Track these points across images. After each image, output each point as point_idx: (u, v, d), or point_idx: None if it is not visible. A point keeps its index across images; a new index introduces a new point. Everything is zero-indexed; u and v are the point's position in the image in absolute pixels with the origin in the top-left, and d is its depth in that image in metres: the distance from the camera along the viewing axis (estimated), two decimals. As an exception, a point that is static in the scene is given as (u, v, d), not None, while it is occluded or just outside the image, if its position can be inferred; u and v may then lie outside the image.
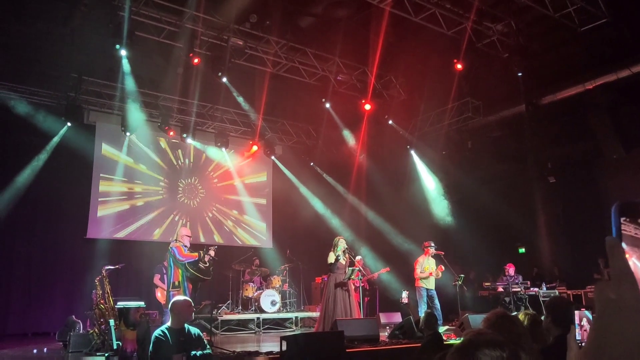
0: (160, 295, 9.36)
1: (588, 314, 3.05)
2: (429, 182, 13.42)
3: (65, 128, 11.05)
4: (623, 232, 0.69)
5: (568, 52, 10.21)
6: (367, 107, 12.38)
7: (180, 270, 7.27)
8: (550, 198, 11.66)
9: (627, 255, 0.69)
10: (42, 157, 10.91)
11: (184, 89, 11.73)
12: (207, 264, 7.48)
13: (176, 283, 7.24)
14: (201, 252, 7.46)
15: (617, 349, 0.60)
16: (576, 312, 2.98)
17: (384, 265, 11.48)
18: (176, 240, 7.55)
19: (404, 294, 9.69)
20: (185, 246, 7.49)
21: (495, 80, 11.36)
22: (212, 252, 7.57)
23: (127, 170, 12.46)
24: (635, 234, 0.70)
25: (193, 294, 7.11)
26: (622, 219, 0.70)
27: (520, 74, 10.35)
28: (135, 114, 11.92)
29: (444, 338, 6.06)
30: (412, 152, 13.56)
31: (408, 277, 10.60)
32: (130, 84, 10.87)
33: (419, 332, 7.20)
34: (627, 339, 0.61)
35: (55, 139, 11.06)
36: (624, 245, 0.69)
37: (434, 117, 12.99)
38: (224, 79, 10.96)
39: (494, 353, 1.19)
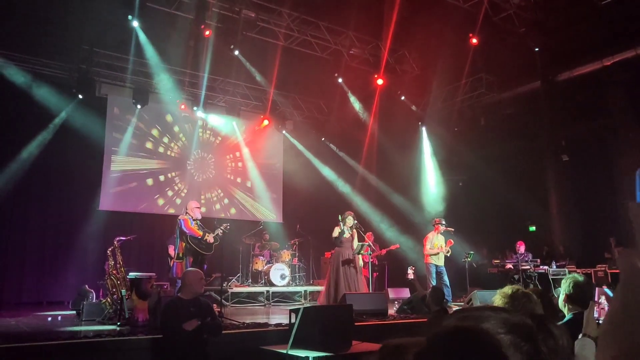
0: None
1: (608, 291, 3.03)
2: (440, 159, 13.33)
3: (76, 100, 11.06)
4: None
5: (587, 27, 9.96)
6: (380, 82, 12.24)
7: (183, 243, 7.36)
8: (563, 176, 11.54)
9: None
10: (53, 130, 10.96)
11: (195, 61, 11.66)
12: (214, 241, 7.51)
13: (180, 254, 7.35)
14: (206, 233, 7.46)
15: None
16: (597, 288, 2.96)
17: (394, 241, 11.52)
18: (186, 212, 7.61)
19: (410, 270, 9.72)
20: (196, 219, 7.54)
21: (510, 56, 11.15)
22: (219, 231, 7.56)
23: (139, 144, 12.50)
24: None
25: (193, 266, 7.15)
26: None
27: (537, 49, 10.14)
28: (147, 86, 11.93)
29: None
30: (424, 129, 13.45)
31: (417, 254, 10.63)
32: (144, 54, 10.85)
33: (426, 307, 7.24)
34: None
35: (67, 111, 11.08)
36: None
37: (447, 93, 12.84)
38: (236, 52, 10.89)
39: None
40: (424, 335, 0.72)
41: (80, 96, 10.99)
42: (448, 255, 9.64)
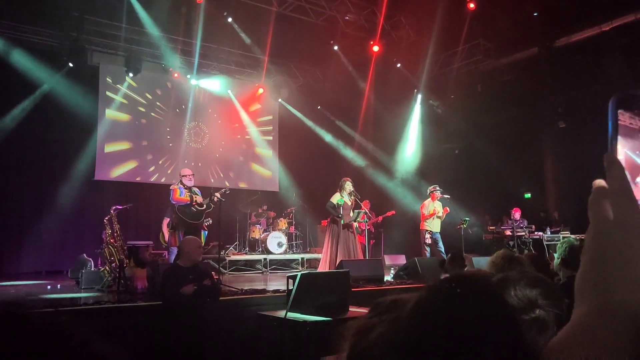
0: (161, 238, 9.63)
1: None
2: (436, 127, 13.29)
3: (66, 69, 10.85)
4: (619, 122, 0.68)
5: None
6: (376, 48, 12.09)
7: (174, 214, 7.40)
8: (559, 143, 11.55)
9: (619, 146, 0.67)
10: (43, 99, 10.74)
11: (187, 29, 11.45)
12: (204, 207, 7.49)
13: (173, 224, 7.39)
14: (193, 196, 7.45)
15: (614, 268, 0.58)
16: None
17: (390, 208, 11.57)
18: (180, 182, 7.59)
19: (427, 234, 9.72)
20: (187, 187, 7.50)
21: (508, 21, 11.00)
22: (215, 196, 7.57)
23: (132, 112, 12.37)
24: (630, 123, 0.68)
25: (179, 235, 7.17)
26: (619, 111, 0.68)
27: (535, 14, 10.01)
28: (140, 54, 11.74)
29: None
30: (419, 97, 13.36)
31: (414, 221, 10.69)
32: (136, 21, 10.65)
33: (445, 273, 7.31)
34: (623, 256, 0.58)
35: (59, 81, 10.89)
36: (619, 137, 0.68)
37: (444, 60, 12.70)
38: (230, 19, 10.70)
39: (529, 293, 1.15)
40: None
41: (70, 64, 10.79)
42: (442, 219, 9.69)
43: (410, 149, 13.51)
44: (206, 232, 8.00)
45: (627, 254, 0.57)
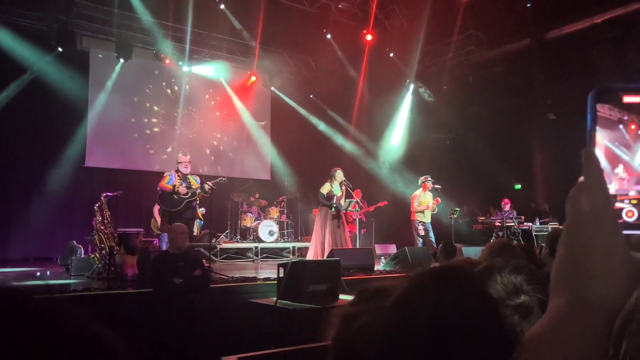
0: (153, 224, 9.61)
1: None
2: (427, 117, 13.31)
3: (55, 53, 10.68)
4: (598, 114, 0.68)
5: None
6: (369, 37, 12.05)
7: None
8: (549, 134, 11.61)
9: (599, 138, 0.68)
10: (31, 84, 10.56)
11: (178, 15, 11.32)
12: (188, 194, 7.50)
13: (163, 212, 7.48)
14: (175, 186, 7.46)
15: (588, 261, 0.59)
16: None
17: (382, 197, 11.60)
18: (176, 169, 7.61)
19: (421, 226, 9.77)
20: (183, 174, 7.50)
21: (501, 12, 10.99)
22: (209, 183, 7.59)
23: (123, 98, 12.24)
24: (610, 115, 0.69)
25: (166, 222, 7.18)
26: (598, 105, 0.69)
27: (528, 5, 10.01)
28: (131, 39, 11.61)
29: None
30: (411, 87, 13.35)
31: (406, 210, 10.73)
32: (127, 6, 10.51)
33: (436, 262, 7.36)
34: (597, 249, 0.59)
35: (48, 65, 10.73)
36: (597, 128, 0.68)
37: (436, 50, 12.68)
38: (222, 6, 10.60)
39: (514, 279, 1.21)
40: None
41: (60, 49, 10.64)
42: (434, 213, 9.76)
43: (400, 138, 13.55)
44: (202, 222, 8.00)
45: (600, 248, 0.58)
